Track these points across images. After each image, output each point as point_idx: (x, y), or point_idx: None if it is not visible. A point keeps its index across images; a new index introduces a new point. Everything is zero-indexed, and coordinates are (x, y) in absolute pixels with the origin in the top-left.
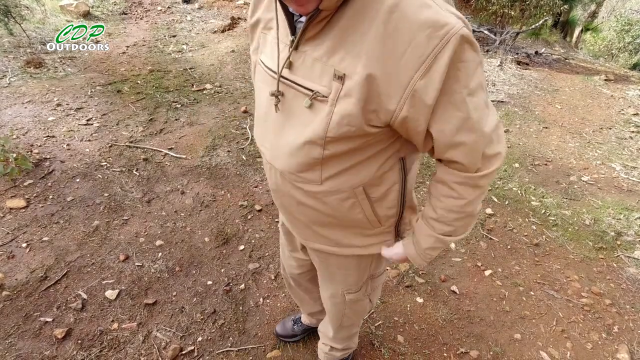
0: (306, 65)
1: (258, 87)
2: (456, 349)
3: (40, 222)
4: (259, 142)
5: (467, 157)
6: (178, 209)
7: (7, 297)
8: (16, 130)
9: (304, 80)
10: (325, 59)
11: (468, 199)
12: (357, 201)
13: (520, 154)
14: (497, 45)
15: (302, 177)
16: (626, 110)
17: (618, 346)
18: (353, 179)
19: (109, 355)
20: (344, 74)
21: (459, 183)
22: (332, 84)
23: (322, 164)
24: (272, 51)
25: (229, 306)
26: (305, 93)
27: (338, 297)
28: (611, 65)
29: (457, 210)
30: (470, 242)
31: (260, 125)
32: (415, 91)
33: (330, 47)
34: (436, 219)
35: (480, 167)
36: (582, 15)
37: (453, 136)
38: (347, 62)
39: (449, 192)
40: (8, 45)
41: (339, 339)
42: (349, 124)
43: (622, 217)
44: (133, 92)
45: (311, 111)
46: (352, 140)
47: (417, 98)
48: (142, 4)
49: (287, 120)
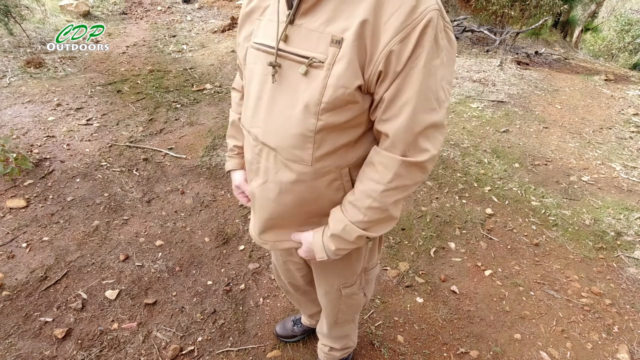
0: (302, 37)
1: (250, 71)
2: (456, 349)
3: (40, 222)
4: (249, 124)
5: (399, 134)
6: (178, 209)
7: (7, 297)
8: (16, 130)
9: (299, 49)
10: (322, 28)
11: (386, 185)
12: (341, 183)
13: (520, 154)
14: (497, 45)
15: (294, 155)
16: (626, 110)
17: (618, 346)
18: (341, 160)
19: (109, 355)
20: (342, 37)
21: (384, 165)
22: (329, 50)
23: (314, 141)
24: (267, 29)
25: (229, 306)
26: (301, 61)
27: (333, 292)
28: (611, 65)
29: (375, 195)
30: (470, 242)
31: (250, 109)
32: (391, 52)
33: (327, 18)
34: (352, 201)
35: (407, 151)
36: (582, 15)
37: (400, 108)
38: (345, 27)
39: (372, 174)
40: (8, 45)
41: (335, 338)
42: (343, 85)
43: (622, 217)
44: (133, 92)
45: (307, 78)
46: (344, 110)
47: (390, 60)
48: (142, 4)
49: (283, 91)
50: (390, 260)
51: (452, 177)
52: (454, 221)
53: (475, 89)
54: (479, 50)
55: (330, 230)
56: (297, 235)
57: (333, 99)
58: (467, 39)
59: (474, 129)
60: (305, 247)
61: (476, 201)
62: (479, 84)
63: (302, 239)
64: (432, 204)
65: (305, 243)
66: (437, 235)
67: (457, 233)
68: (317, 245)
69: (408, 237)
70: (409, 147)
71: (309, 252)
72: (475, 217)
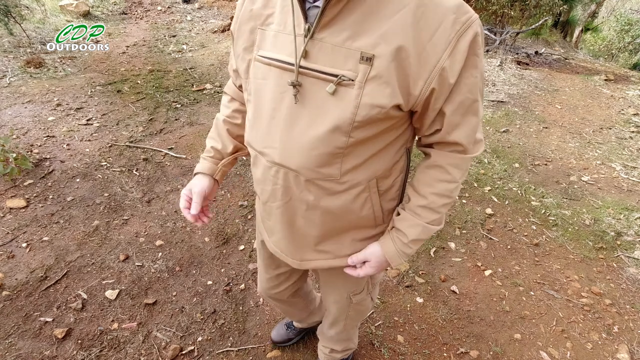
0: (325, 52)
1: (257, 86)
2: (456, 349)
3: (40, 222)
4: (260, 145)
5: (467, 139)
6: (178, 209)
7: (7, 297)
8: (16, 130)
9: (324, 66)
10: (349, 43)
11: (458, 182)
12: (369, 195)
13: (520, 154)
14: (497, 45)
15: (321, 173)
16: (626, 110)
17: (618, 346)
18: (369, 171)
19: (109, 355)
20: (372, 54)
21: (455, 165)
22: (359, 67)
23: (343, 156)
24: (279, 42)
25: (229, 306)
26: (327, 79)
27: (343, 301)
28: (611, 65)
29: (448, 194)
30: (470, 242)
31: (262, 126)
32: (443, 69)
33: (353, 32)
34: (425, 205)
35: (471, 149)
36: (582, 15)
37: (462, 116)
38: (375, 43)
39: (444, 176)
40: (8, 45)
41: (339, 341)
42: (379, 105)
43: (622, 217)
44: (133, 92)
45: (335, 97)
46: (376, 125)
47: (444, 77)
48: (142, 4)
49: (306, 111)
50: None
51: None
52: (454, 221)
53: None
54: None
55: (409, 237)
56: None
57: (367, 118)
58: None
59: None
60: (376, 262)
61: (476, 201)
62: None
63: (368, 255)
64: None
65: (375, 258)
66: (437, 235)
67: (457, 233)
68: (392, 255)
69: None
70: (473, 145)
71: (380, 265)
72: (475, 217)
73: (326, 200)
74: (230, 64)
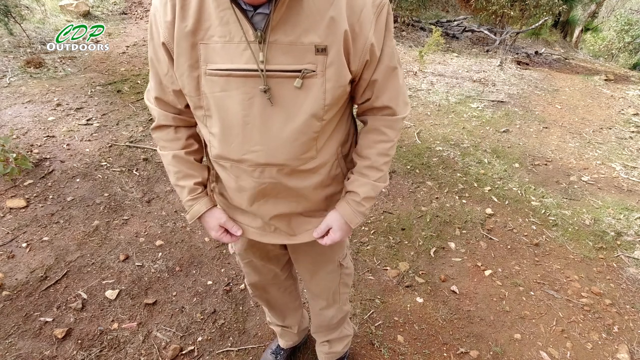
0: (282, 52)
1: (217, 99)
2: (456, 349)
3: (40, 222)
4: (238, 154)
5: (394, 101)
6: (178, 209)
7: (7, 297)
8: (16, 130)
9: (286, 65)
10: (302, 39)
11: (394, 141)
12: (337, 160)
13: (520, 154)
14: (497, 45)
15: (303, 159)
16: (626, 110)
17: (618, 346)
18: (335, 141)
19: (109, 355)
20: (325, 45)
21: (388, 126)
22: (317, 58)
23: (317, 138)
24: (230, 52)
25: (229, 306)
26: (292, 76)
27: (336, 269)
28: (611, 65)
29: (386, 152)
30: (470, 242)
31: (235, 135)
32: (372, 45)
33: (302, 29)
34: (369, 165)
35: (399, 110)
36: (582, 15)
37: (386, 81)
38: (324, 34)
39: (380, 137)
40: (8, 45)
41: (336, 325)
42: (341, 85)
43: (622, 217)
44: (133, 92)
45: (303, 90)
46: (338, 102)
47: (373, 51)
48: (142, 4)
49: (279, 109)
50: (390, 260)
51: (452, 177)
52: (454, 221)
53: (475, 89)
54: (478, 50)
55: (360, 195)
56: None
57: (335, 99)
58: (467, 39)
59: (474, 129)
60: (338, 225)
61: (476, 201)
62: (479, 84)
63: (329, 223)
64: (432, 204)
65: (336, 222)
66: (437, 235)
67: (457, 233)
68: (350, 216)
69: (408, 237)
70: (400, 106)
71: (342, 228)
72: (475, 217)
73: (309, 179)
74: (160, 90)
